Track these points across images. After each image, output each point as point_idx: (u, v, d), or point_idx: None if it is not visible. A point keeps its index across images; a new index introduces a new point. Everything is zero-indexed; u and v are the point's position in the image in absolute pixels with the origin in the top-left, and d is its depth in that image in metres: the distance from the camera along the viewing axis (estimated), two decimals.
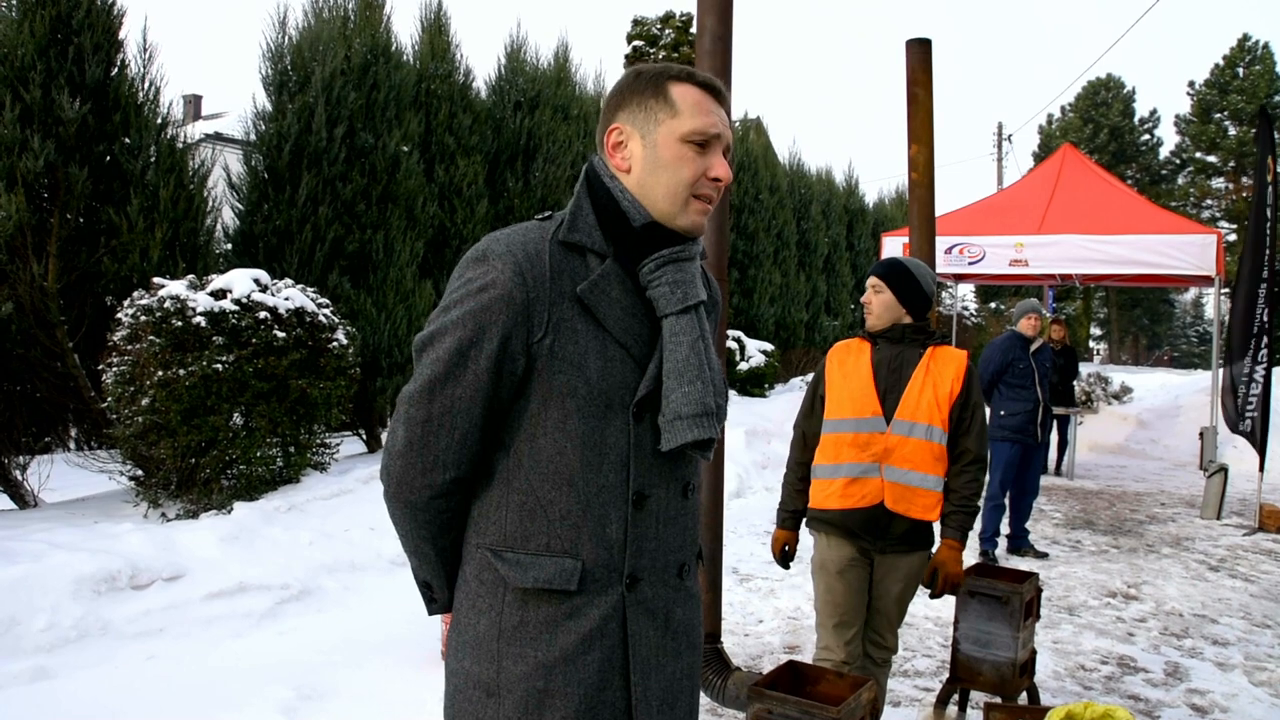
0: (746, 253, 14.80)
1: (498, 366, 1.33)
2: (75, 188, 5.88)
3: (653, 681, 1.41)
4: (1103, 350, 45.13)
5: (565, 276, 1.36)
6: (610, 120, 1.45)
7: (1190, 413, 13.12)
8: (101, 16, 6.27)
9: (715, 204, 1.43)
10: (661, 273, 1.40)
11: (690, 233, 1.42)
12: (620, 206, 1.41)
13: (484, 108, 9.63)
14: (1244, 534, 7.36)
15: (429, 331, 1.37)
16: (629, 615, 1.39)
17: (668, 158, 1.39)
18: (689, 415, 1.37)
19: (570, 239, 1.39)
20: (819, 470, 3.05)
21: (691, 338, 1.39)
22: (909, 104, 4.39)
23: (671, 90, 1.40)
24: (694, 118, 1.39)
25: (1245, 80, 36.66)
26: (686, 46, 20.66)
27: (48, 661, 3.73)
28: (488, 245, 1.36)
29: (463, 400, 1.34)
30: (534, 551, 1.36)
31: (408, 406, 1.36)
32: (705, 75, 1.44)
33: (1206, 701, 3.89)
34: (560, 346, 1.34)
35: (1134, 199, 10.80)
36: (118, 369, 5.37)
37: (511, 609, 1.36)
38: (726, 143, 1.43)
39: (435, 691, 3.64)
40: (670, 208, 1.40)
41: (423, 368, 1.36)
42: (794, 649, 4.37)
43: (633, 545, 1.39)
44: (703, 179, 1.40)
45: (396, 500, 1.40)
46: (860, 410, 2.98)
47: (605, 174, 1.44)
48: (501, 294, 1.32)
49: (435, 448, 1.35)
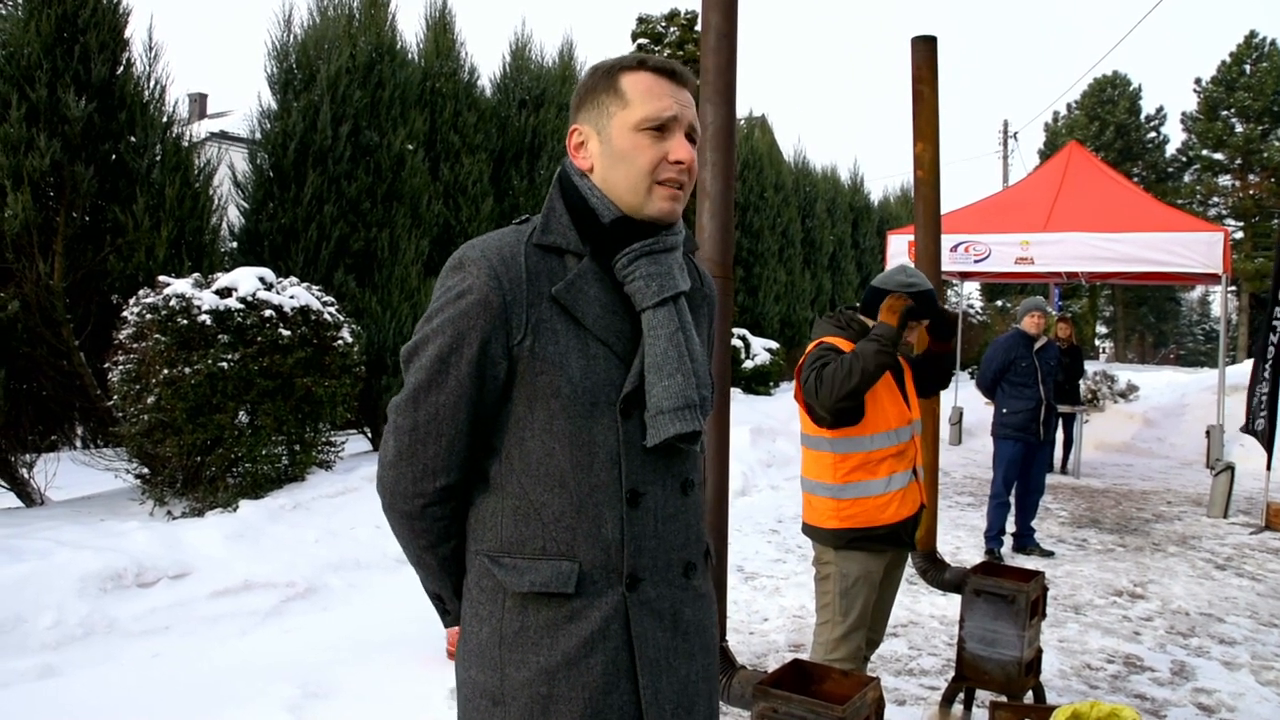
0: (751, 250, 14.78)
1: (479, 371, 1.34)
2: (81, 186, 5.90)
3: (664, 684, 1.39)
4: (1109, 348, 44.99)
5: (543, 278, 1.36)
6: (572, 121, 1.45)
7: (1197, 411, 13.07)
8: (107, 15, 6.28)
9: (687, 187, 1.41)
10: (635, 266, 1.39)
11: (661, 221, 1.41)
12: (589, 204, 1.41)
13: (489, 106, 9.63)
14: (1251, 532, 7.34)
15: (413, 341, 1.38)
16: (632, 616, 1.37)
17: (623, 148, 1.38)
18: (670, 409, 1.36)
19: (545, 240, 1.39)
20: (868, 488, 2.98)
21: (669, 330, 1.38)
22: (914, 102, 4.37)
23: (622, 81, 1.40)
24: (644, 104, 1.38)
25: (1252, 77, 36.45)
26: (691, 44, 20.64)
27: (54, 659, 3.74)
28: (464, 252, 1.37)
29: (447, 407, 1.34)
30: (530, 556, 1.36)
31: (396, 416, 1.38)
32: (660, 60, 1.41)
33: (1213, 701, 3.87)
34: (541, 347, 1.34)
35: (1140, 197, 10.77)
36: (123, 367, 5.38)
37: (511, 615, 1.36)
38: (688, 124, 1.40)
39: (440, 689, 3.65)
40: (635, 198, 1.39)
41: (409, 377, 1.37)
42: (799, 647, 4.36)
43: (631, 544, 1.37)
44: (663, 163, 1.38)
45: (393, 511, 1.42)
46: (902, 419, 3.01)
47: (575, 173, 1.44)
48: (478, 299, 1.32)
49: (424, 455, 1.36)
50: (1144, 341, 47.73)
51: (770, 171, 15.47)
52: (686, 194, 1.42)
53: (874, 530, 2.97)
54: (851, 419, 2.93)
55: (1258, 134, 35.68)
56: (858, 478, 2.97)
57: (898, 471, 2.98)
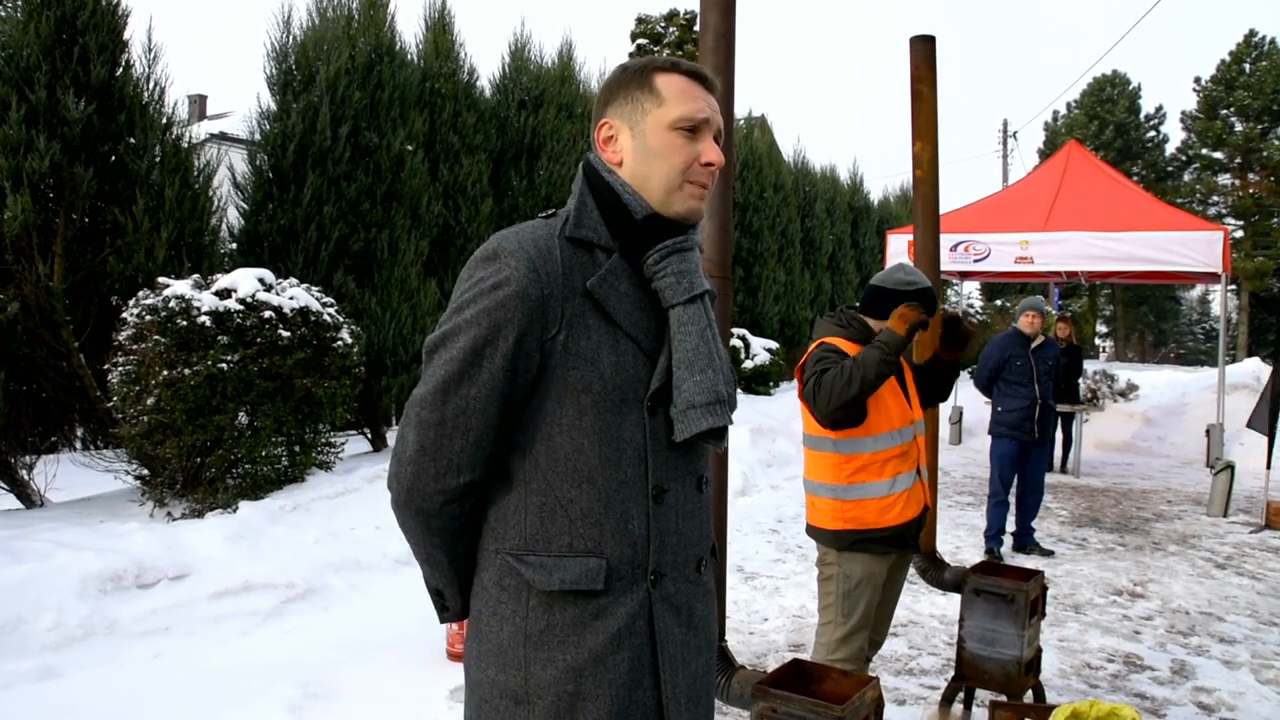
0: (751, 250, 14.78)
1: (513, 364, 1.32)
2: (80, 188, 5.90)
3: (680, 679, 1.40)
4: (1109, 347, 44.98)
5: (575, 272, 1.36)
6: (600, 116, 1.46)
7: (1197, 410, 13.07)
8: (106, 17, 6.28)
9: (710, 189, 1.44)
10: (666, 263, 1.40)
11: (687, 219, 1.43)
12: (622, 199, 1.41)
13: (488, 106, 9.63)
14: (1251, 531, 7.34)
15: (441, 332, 1.35)
16: (655, 612, 1.38)
17: (657, 146, 1.40)
18: (702, 404, 1.36)
19: (578, 234, 1.39)
20: (871, 489, 2.95)
21: (699, 327, 1.39)
22: (913, 101, 4.38)
23: (657, 80, 1.41)
24: (680, 105, 1.39)
25: (1252, 76, 36.45)
26: (690, 44, 20.64)
27: (54, 660, 3.75)
28: (498, 243, 1.35)
29: (478, 400, 1.32)
30: (557, 553, 1.35)
31: (419, 410, 1.34)
32: (691, 64, 1.44)
33: (1213, 700, 3.87)
34: (574, 342, 1.33)
35: (1140, 196, 10.78)
36: (123, 368, 5.38)
37: (537, 613, 1.35)
38: (717, 128, 1.43)
39: (441, 690, 3.65)
40: (665, 196, 1.41)
41: (435, 369, 1.34)
42: (798, 647, 4.36)
43: (656, 540, 1.38)
44: (695, 165, 1.40)
45: (408, 508, 1.37)
46: (905, 419, 2.98)
47: (603, 169, 1.44)
48: (517, 290, 1.30)
49: (449, 451, 1.33)
50: (1144, 340, 47.72)
51: (769, 171, 15.47)
52: (709, 195, 1.45)
53: (877, 532, 2.95)
54: (853, 421, 2.91)
55: (1257, 133, 35.66)
56: (862, 479, 2.94)
57: (902, 472, 2.95)
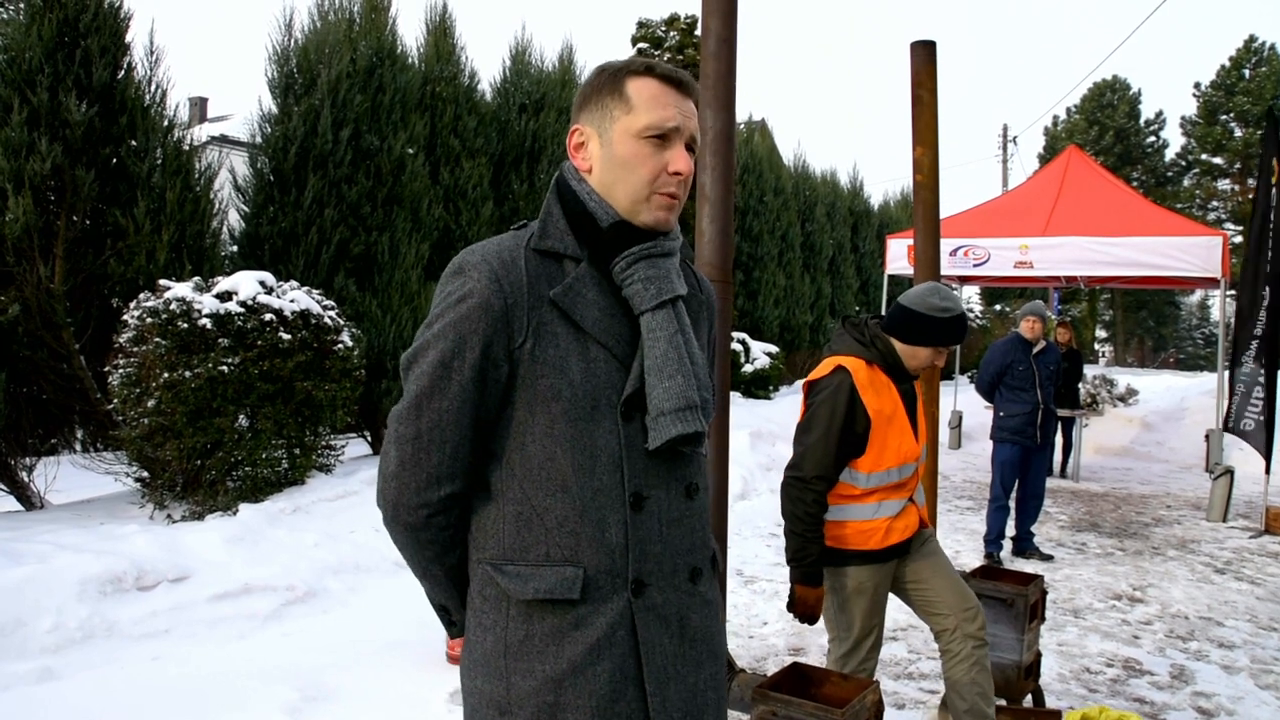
0: (751, 255, 14.79)
1: (481, 375, 1.33)
2: (82, 190, 5.91)
3: (672, 692, 1.37)
4: (1108, 352, 45.01)
5: (542, 282, 1.36)
6: (574, 120, 1.45)
7: (1196, 415, 13.09)
8: (108, 19, 6.29)
9: (681, 198, 1.41)
10: (633, 270, 1.39)
11: (655, 229, 1.41)
12: (587, 208, 1.40)
13: (489, 110, 9.65)
14: (1250, 536, 7.34)
15: (414, 348, 1.37)
16: (638, 622, 1.35)
17: (624, 155, 1.38)
18: (671, 410, 1.35)
19: (542, 245, 1.39)
20: (853, 511, 2.84)
21: (669, 332, 1.38)
22: (914, 106, 4.39)
23: (629, 85, 1.39)
24: (649, 112, 1.37)
25: (1251, 82, 36.56)
26: (691, 49, 20.66)
27: (53, 662, 3.74)
28: (464, 258, 1.37)
29: (450, 412, 1.33)
30: (534, 562, 1.34)
31: (397, 425, 1.36)
32: (668, 68, 1.40)
33: (1212, 705, 3.87)
34: (541, 351, 1.33)
35: (1139, 201, 10.78)
36: (124, 371, 5.39)
37: (516, 623, 1.34)
38: (689, 134, 1.40)
39: (440, 692, 3.65)
40: (632, 205, 1.39)
41: (409, 384, 1.36)
42: (798, 651, 4.36)
43: (635, 549, 1.36)
44: (663, 174, 1.38)
45: (396, 523, 1.39)
46: (906, 457, 2.85)
47: (573, 177, 1.44)
48: (480, 302, 1.32)
49: (428, 464, 1.34)
50: (1143, 345, 47.74)
51: (770, 176, 15.49)
52: (681, 203, 1.42)
53: (857, 554, 2.85)
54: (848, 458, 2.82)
55: (1257, 138, 35.68)
56: (845, 502, 2.85)
57: (888, 500, 2.84)
